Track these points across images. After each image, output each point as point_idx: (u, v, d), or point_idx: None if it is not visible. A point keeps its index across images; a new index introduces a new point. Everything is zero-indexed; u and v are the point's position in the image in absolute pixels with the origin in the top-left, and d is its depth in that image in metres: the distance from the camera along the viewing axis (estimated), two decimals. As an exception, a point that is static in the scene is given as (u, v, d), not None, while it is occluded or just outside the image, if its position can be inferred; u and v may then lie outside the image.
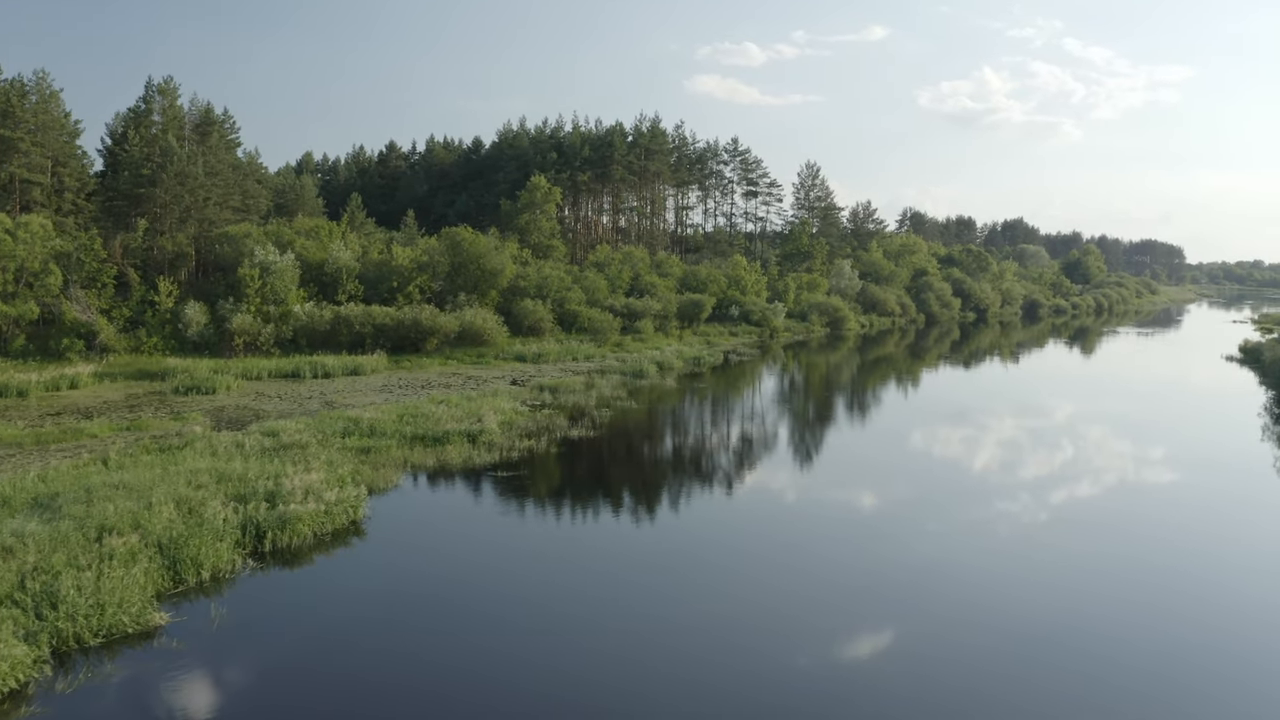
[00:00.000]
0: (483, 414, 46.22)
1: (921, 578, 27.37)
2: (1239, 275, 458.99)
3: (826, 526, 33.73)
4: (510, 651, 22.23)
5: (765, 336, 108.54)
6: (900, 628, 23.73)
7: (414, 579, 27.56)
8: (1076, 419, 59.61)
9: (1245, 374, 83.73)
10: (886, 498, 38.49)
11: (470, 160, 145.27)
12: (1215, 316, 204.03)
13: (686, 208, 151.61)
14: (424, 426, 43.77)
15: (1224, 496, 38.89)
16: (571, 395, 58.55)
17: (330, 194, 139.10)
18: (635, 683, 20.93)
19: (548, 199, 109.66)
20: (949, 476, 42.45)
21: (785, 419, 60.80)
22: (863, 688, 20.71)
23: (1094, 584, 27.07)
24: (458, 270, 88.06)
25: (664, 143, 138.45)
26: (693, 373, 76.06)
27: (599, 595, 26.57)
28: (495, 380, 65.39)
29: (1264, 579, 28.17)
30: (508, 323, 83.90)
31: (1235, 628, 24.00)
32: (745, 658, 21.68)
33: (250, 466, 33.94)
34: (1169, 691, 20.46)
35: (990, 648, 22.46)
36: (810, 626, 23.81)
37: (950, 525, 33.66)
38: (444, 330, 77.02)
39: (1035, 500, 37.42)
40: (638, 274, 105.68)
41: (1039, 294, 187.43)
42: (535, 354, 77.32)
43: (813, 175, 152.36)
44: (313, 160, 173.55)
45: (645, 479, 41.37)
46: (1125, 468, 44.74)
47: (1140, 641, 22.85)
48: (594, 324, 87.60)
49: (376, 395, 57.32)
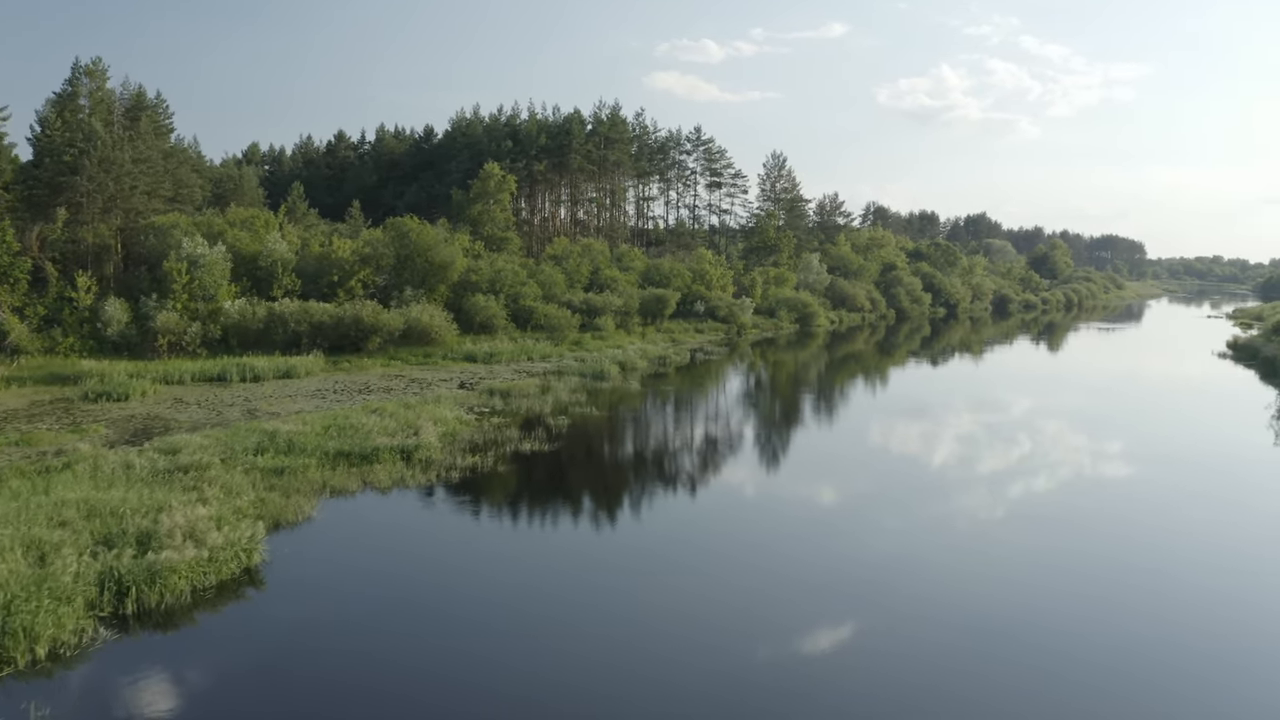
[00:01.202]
0: (421, 425, 40.27)
1: (882, 574, 27.19)
2: (1199, 270, 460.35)
3: (789, 525, 32.95)
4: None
5: (732, 333, 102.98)
6: (860, 624, 23.65)
7: (318, 646, 21.78)
8: (1086, 421, 54.45)
9: (1239, 371, 79.67)
10: (850, 496, 37.91)
11: (421, 150, 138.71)
12: (1185, 312, 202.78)
13: (648, 199, 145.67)
14: (351, 441, 37.76)
15: (1226, 496, 37.76)
16: (525, 400, 52.70)
17: (275, 185, 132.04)
18: (598, 686, 20.41)
19: (502, 188, 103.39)
20: (928, 478, 40.51)
21: (754, 421, 56.06)
22: (824, 684, 20.44)
23: (1052, 579, 27.01)
24: (404, 263, 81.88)
25: (624, 131, 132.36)
26: (657, 373, 70.45)
27: (554, 642, 21.12)
28: (441, 383, 59.43)
29: (1230, 576, 27.85)
30: (458, 320, 77.87)
31: (1191, 622, 24.02)
32: (706, 656, 21.37)
33: (131, 496, 27.90)
34: (1125, 686, 20.21)
35: (948, 643, 22.20)
36: (772, 624, 23.43)
37: (917, 522, 33.18)
38: (387, 328, 70.87)
39: (1028, 499, 36.52)
40: (597, 268, 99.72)
41: (1009, 289, 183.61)
42: (487, 354, 71.33)
43: (779, 166, 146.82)
44: (259, 151, 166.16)
45: (607, 500, 35.56)
46: (1136, 469, 41.63)
47: (1096, 636, 22.62)
48: (551, 321, 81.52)
49: (307, 402, 51.28)
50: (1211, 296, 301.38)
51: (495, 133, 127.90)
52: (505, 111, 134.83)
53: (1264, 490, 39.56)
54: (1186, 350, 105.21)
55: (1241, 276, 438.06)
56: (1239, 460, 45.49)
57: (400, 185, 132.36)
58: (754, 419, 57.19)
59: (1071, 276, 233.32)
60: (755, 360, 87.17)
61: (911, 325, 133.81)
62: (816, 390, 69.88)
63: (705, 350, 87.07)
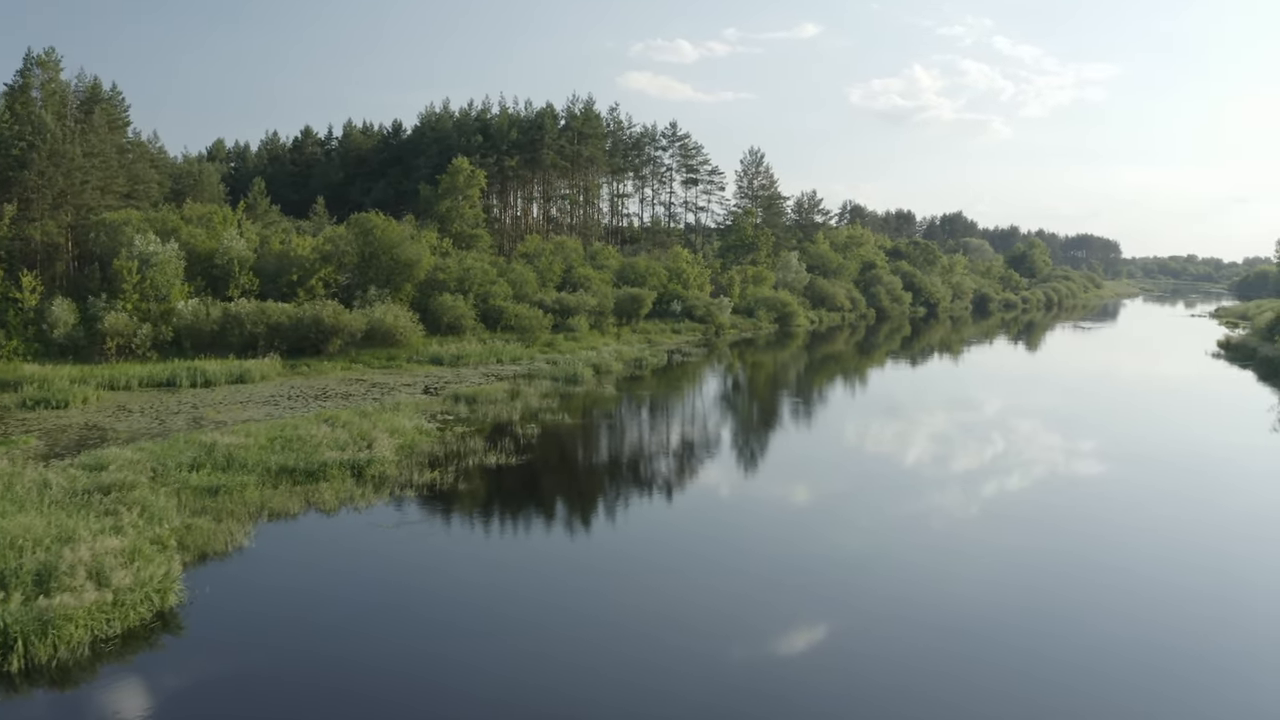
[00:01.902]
0: (375, 437, 36.78)
1: (856, 575, 26.92)
2: (1174, 269, 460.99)
3: (765, 530, 31.93)
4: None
5: (710, 334, 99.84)
6: (835, 624, 23.39)
7: (240, 708, 18.38)
8: (1091, 426, 51.46)
9: (1236, 372, 77.09)
10: (826, 497, 37.07)
11: (389, 145, 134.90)
12: (1166, 311, 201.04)
13: (623, 196, 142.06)
14: (297, 455, 34.25)
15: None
16: (492, 407, 49.33)
17: (240, 183, 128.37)
18: (570, 688, 19.84)
19: (471, 184, 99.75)
20: (910, 480, 39.26)
21: (733, 426, 53.09)
22: (799, 685, 20.01)
23: (1027, 578, 26.72)
24: (368, 261, 78.35)
25: (598, 127, 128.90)
26: (633, 376, 67.21)
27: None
28: (404, 388, 56.01)
29: (1202, 574, 27.54)
30: (424, 320, 74.42)
31: (1165, 621, 23.74)
32: (680, 658, 20.97)
33: (39, 523, 24.37)
34: (1098, 685, 19.78)
35: (922, 643, 21.83)
36: (747, 625, 23.06)
37: (892, 522, 32.70)
38: (349, 329, 67.34)
39: (1026, 503, 35.24)
40: (570, 266, 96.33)
41: (989, 288, 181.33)
42: (454, 356, 67.88)
43: (756, 163, 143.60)
44: (224, 147, 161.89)
45: (578, 517, 32.19)
46: (1153, 475, 38.93)
47: (1071, 635, 22.35)
48: (521, 322, 78.03)
49: (258, 409, 47.79)
50: (1188, 295, 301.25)
51: (465, 127, 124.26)
52: (476, 106, 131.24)
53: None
54: (1180, 350, 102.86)
55: (1216, 275, 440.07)
56: (1250, 464, 42.66)
57: (367, 182, 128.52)
58: (733, 424, 54.29)
59: (1050, 275, 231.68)
60: (734, 361, 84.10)
61: (892, 325, 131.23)
62: (796, 392, 67.06)
63: (683, 351, 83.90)
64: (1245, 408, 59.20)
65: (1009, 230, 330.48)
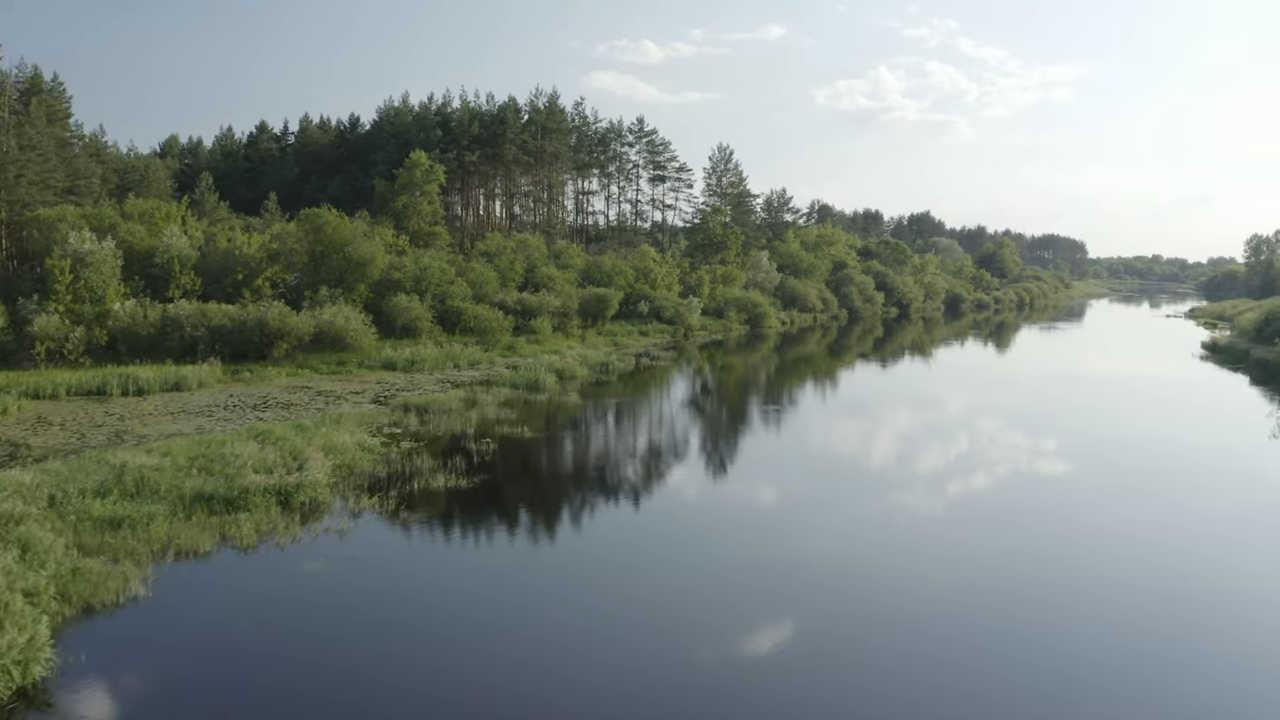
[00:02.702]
0: (309, 456, 32.79)
1: (821, 576, 26.52)
2: (1139, 269, 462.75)
3: (733, 533, 30.84)
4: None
5: (679, 335, 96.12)
6: (798, 625, 23.00)
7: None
8: (1099, 435, 48.12)
9: (1228, 375, 74.28)
10: (800, 508, 35.59)
11: (346, 141, 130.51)
12: (1139, 312, 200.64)
13: (588, 193, 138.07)
14: (218, 478, 30.28)
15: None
16: (445, 418, 45.45)
17: (192, 179, 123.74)
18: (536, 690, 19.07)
19: (429, 179, 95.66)
20: (896, 500, 35.87)
21: (706, 437, 48.99)
22: (763, 685, 19.49)
23: (995, 580, 26.29)
24: (319, 260, 74.25)
25: (562, 121, 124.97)
26: (599, 381, 63.48)
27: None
28: (352, 396, 52.03)
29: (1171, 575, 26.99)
30: (378, 323, 70.41)
31: (1131, 620, 23.23)
32: (645, 660, 20.69)
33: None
34: (1064, 685, 19.45)
35: (886, 644, 21.62)
36: (711, 627, 22.63)
37: (868, 530, 31.72)
38: (296, 332, 63.17)
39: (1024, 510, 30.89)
40: (533, 265, 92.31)
41: (961, 288, 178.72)
42: (408, 361, 63.82)
43: (725, 159, 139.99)
44: (178, 143, 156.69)
45: (541, 557, 28.14)
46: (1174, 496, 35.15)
47: (1037, 635, 22.21)
48: (481, 323, 73.93)
49: (189, 421, 43.70)
50: (1156, 295, 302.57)
51: (425, 122, 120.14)
52: (436, 100, 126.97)
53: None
54: (1167, 353, 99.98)
55: (1181, 275, 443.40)
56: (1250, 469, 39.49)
57: (323, 179, 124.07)
58: (702, 432, 50.68)
59: (1021, 275, 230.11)
60: (703, 364, 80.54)
61: (864, 326, 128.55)
62: (767, 396, 63.78)
63: (650, 354, 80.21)
64: (1248, 413, 56.15)
65: (976, 230, 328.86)
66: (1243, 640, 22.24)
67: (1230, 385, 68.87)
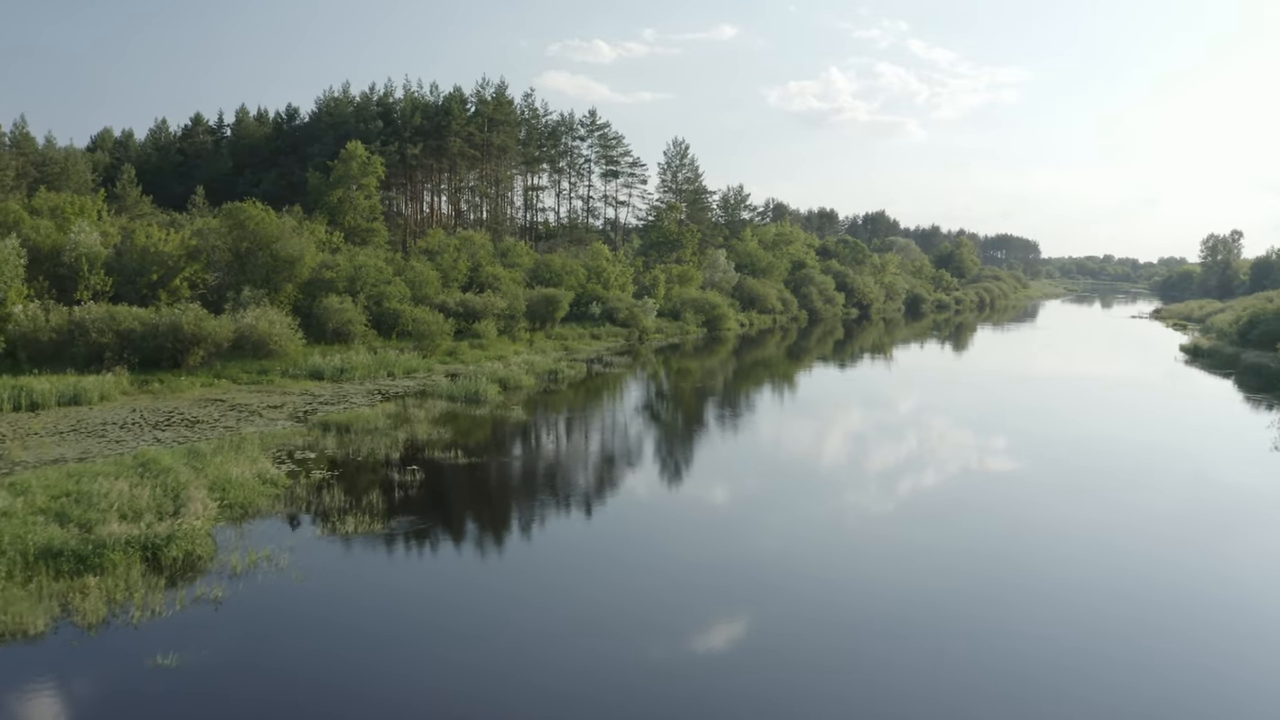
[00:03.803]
0: (190, 496, 27.06)
1: (775, 577, 25.89)
2: (1092, 270, 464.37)
3: (687, 535, 30.61)
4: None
5: (634, 339, 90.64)
6: (748, 625, 22.76)
7: None
8: (1115, 454, 43.39)
9: (1221, 381, 70.31)
10: (763, 520, 33.48)
11: (283, 132, 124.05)
12: (1100, 312, 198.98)
13: (537, 188, 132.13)
14: (74, 527, 24.52)
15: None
16: (368, 439, 39.77)
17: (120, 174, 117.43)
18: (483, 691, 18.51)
19: (367, 172, 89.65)
20: (859, 512, 34.32)
21: (666, 449, 43.84)
22: (713, 685, 19.32)
23: (951, 580, 25.69)
24: (243, 258, 68.20)
25: (510, 113, 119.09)
26: (548, 389, 58.08)
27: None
28: (269, 411, 46.26)
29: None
30: (307, 326, 64.51)
31: (1083, 621, 22.82)
32: (596, 661, 20.29)
33: None
34: (1015, 687, 19.41)
35: (834, 642, 21.47)
36: (662, 628, 22.13)
37: (832, 543, 30.48)
38: (214, 338, 57.04)
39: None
40: (478, 264, 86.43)
41: (921, 288, 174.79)
42: (337, 369, 57.91)
43: (680, 154, 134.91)
44: (111, 136, 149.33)
45: (469, 615, 22.73)
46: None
47: (989, 636, 21.95)
48: (420, 327, 68.04)
49: (77, 443, 37.67)
50: (1112, 295, 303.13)
51: (366, 113, 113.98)
52: (378, 90, 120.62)
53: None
54: (1146, 356, 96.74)
55: (1134, 275, 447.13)
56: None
57: (258, 172, 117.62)
58: (661, 447, 45.56)
59: (980, 275, 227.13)
60: (660, 370, 75.33)
61: (825, 328, 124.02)
62: (727, 405, 58.91)
63: (604, 360, 74.82)
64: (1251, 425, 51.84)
65: (931, 230, 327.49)
66: (1194, 639, 22.19)
67: (1229, 393, 64.53)
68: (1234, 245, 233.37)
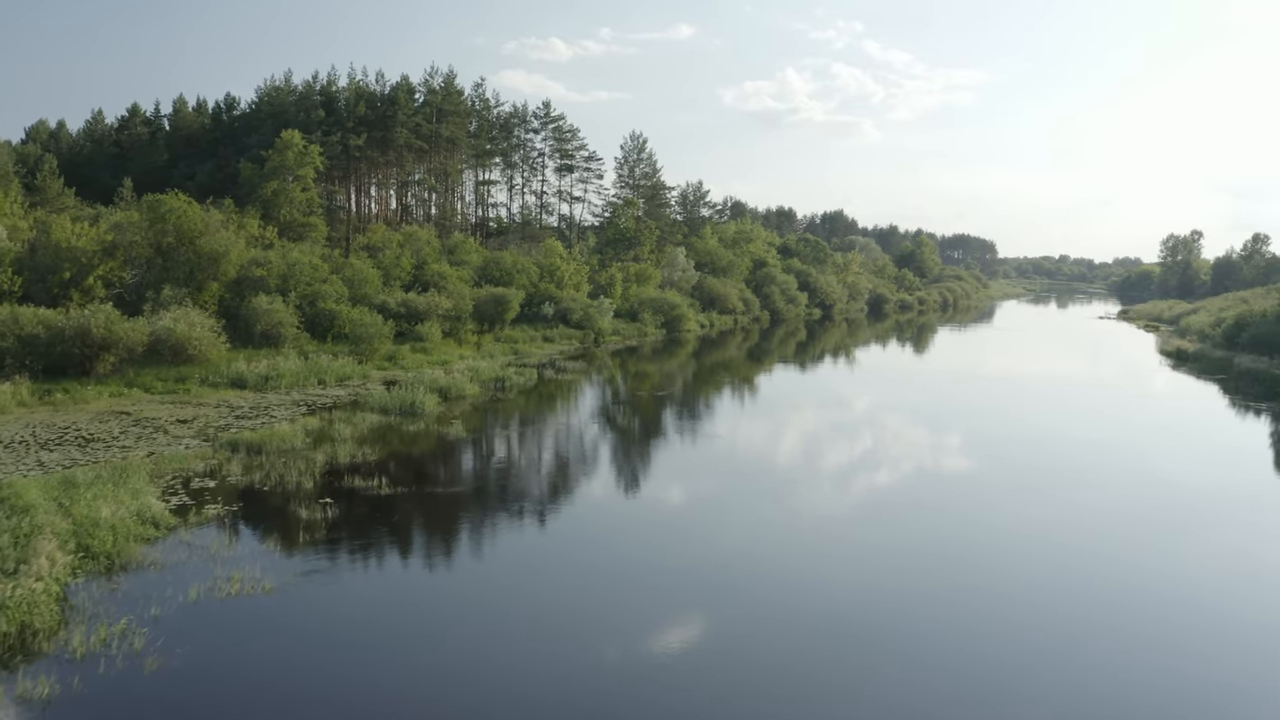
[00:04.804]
0: (37, 548, 21.96)
1: (731, 578, 25.35)
2: (1048, 270, 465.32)
3: (643, 539, 29.87)
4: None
5: (589, 341, 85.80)
6: (704, 626, 22.41)
7: None
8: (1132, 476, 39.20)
9: (1213, 387, 66.39)
10: (717, 516, 33.64)
11: (220, 123, 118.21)
12: (1064, 312, 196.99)
13: (488, 183, 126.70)
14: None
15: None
16: (282, 463, 34.67)
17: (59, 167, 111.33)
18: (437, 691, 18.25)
19: (303, 162, 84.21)
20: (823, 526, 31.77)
21: (621, 460, 39.75)
22: (669, 686, 18.97)
23: (907, 581, 25.36)
24: (166, 255, 62.77)
25: (460, 104, 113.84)
26: (494, 398, 53.24)
27: None
28: (177, 427, 41.06)
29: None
30: (234, 329, 59.35)
31: (1037, 621, 22.67)
32: (547, 663, 19.67)
33: None
34: (969, 689, 19.04)
35: (791, 643, 21.17)
36: (619, 630, 21.92)
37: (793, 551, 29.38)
38: (126, 342, 51.68)
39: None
40: (423, 262, 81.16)
41: (884, 288, 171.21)
42: (262, 377, 52.64)
43: (638, 149, 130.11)
44: (47, 128, 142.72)
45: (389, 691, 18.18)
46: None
47: (941, 635, 21.59)
48: (357, 329, 62.79)
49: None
50: (1072, 295, 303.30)
51: (308, 102, 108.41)
52: (322, 79, 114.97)
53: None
54: (1128, 360, 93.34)
55: (1090, 275, 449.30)
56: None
57: (193, 164, 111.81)
58: (623, 461, 41.19)
59: (942, 275, 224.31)
60: (616, 374, 70.70)
61: (787, 328, 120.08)
62: (687, 410, 54.93)
63: (556, 364, 69.94)
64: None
65: (889, 229, 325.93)
66: (1148, 639, 21.96)
67: (1231, 404, 60.53)
68: (1194, 245, 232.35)
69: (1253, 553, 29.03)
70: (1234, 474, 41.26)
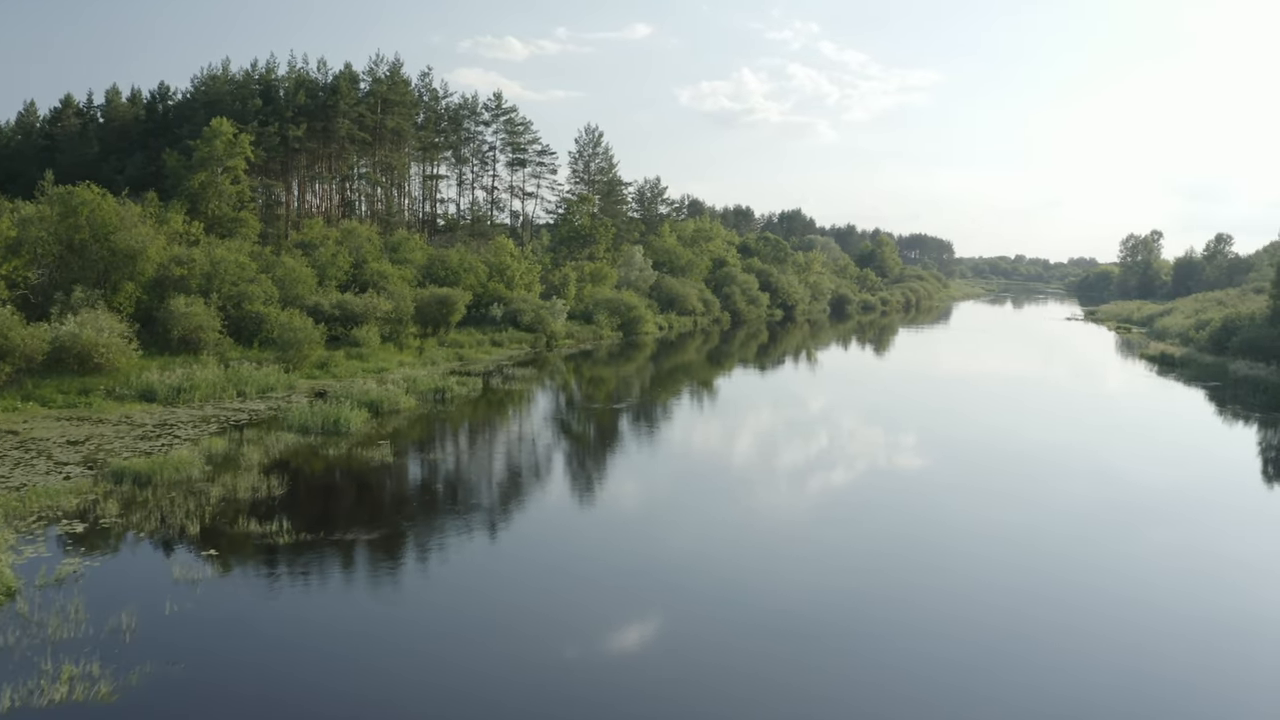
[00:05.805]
0: None
1: (687, 579, 25.29)
2: (1004, 269, 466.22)
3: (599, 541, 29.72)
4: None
5: (541, 345, 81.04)
6: (659, 628, 22.36)
7: None
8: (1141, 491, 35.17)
9: (1206, 393, 63.37)
10: (674, 518, 33.27)
11: (154, 113, 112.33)
12: (1027, 312, 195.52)
13: (436, 177, 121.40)
14: None
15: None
16: (170, 499, 29.61)
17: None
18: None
19: (233, 152, 78.75)
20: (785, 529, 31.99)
21: (584, 474, 36.30)
22: (626, 686, 19.23)
23: (869, 581, 25.58)
24: (77, 252, 57.43)
25: (406, 94, 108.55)
26: (432, 412, 48.49)
27: None
28: (64, 450, 35.96)
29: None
30: (150, 334, 54.24)
31: (995, 623, 22.62)
32: (501, 663, 19.60)
33: None
34: (924, 690, 18.88)
35: (746, 644, 20.99)
36: (574, 630, 21.82)
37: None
38: (24, 350, 46.49)
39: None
40: (362, 260, 76.01)
41: (846, 289, 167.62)
42: (174, 389, 47.46)
43: (594, 143, 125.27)
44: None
45: None
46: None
47: (898, 637, 21.61)
48: (285, 334, 57.65)
49: None
50: (1030, 295, 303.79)
51: (246, 92, 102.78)
52: (260, 67, 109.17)
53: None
54: (1110, 364, 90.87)
55: (1046, 275, 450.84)
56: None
57: (124, 156, 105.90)
58: (577, 468, 38.41)
59: (904, 275, 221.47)
60: (570, 380, 66.24)
61: (748, 330, 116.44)
62: (643, 418, 51.28)
63: (504, 371, 65.14)
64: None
65: (847, 229, 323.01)
66: (1106, 639, 21.58)
67: (1236, 415, 56.69)
68: (1154, 246, 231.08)
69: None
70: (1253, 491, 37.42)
